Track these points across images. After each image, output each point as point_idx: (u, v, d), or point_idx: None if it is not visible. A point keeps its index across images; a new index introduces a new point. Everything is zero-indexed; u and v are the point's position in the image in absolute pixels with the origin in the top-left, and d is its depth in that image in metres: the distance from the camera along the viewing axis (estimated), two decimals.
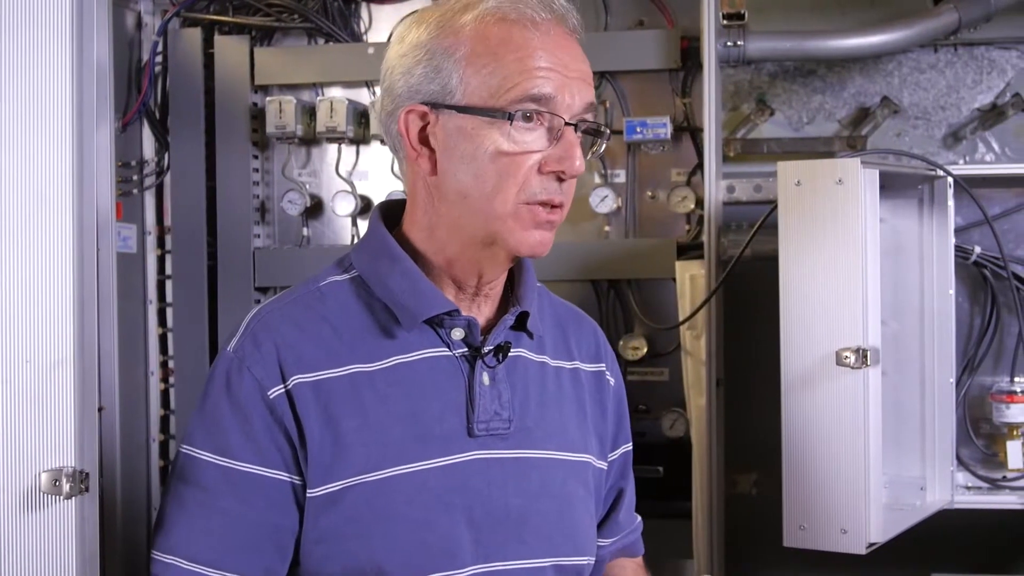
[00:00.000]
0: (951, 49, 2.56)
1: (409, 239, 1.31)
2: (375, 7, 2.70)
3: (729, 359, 2.39)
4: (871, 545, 1.91)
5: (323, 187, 2.73)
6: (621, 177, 2.60)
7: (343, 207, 2.64)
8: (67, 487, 1.41)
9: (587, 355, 1.44)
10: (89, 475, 1.44)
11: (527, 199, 1.23)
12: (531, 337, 1.36)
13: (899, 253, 2.25)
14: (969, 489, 2.33)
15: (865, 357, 1.88)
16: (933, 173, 2.21)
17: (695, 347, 2.38)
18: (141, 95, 2.68)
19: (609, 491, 1.48)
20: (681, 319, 2.39)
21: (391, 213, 1.36)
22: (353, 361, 1.26)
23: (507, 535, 1.28)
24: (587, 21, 2.59)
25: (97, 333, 1.56)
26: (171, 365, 2.73)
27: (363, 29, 2.70)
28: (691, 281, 2.40)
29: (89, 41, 1.54)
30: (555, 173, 1.23)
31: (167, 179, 2.71)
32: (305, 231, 2.72)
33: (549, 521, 1.32)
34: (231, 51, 2.67)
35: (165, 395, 2.75)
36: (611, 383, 1.47)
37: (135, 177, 2.71)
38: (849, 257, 1.90)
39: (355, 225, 2.68)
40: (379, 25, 2.69)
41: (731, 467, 2.45)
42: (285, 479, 1.24)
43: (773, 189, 2.10)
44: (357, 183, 2.70)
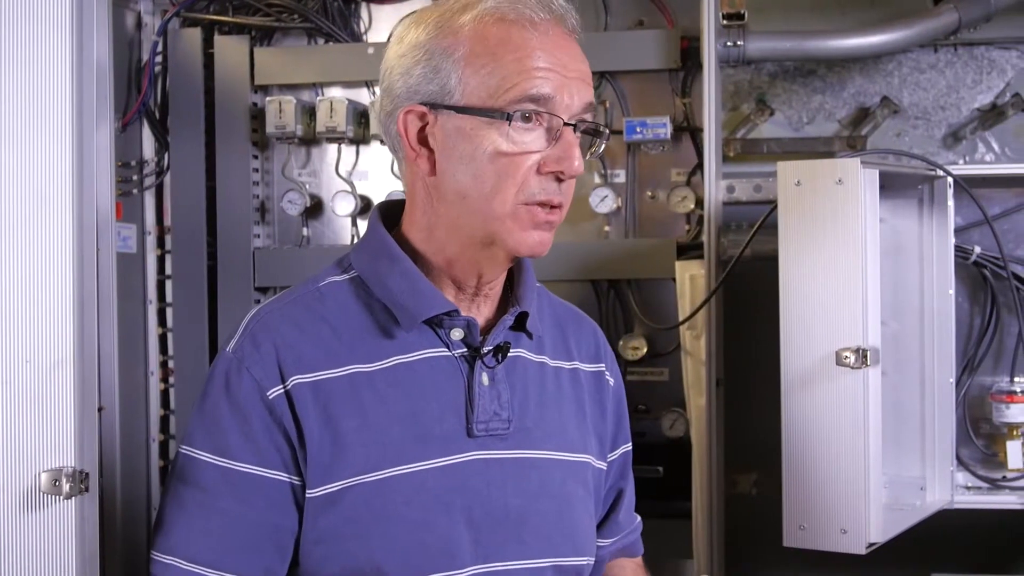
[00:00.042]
0: (951, 49, 2.56)
1: (408, 239, 1.31)
2: (375, 7, 2.69)
3: (729, 359, 2.39)
4: (871, 545, 1.91)
5: (323, 187, 2.73)
6: (621, 177, 2.60)
7: (343, 207, 2.64)
8: (67, 487, 1.41)
9: (586, 355, 1.44)
10: (89, 475, 1.44)
11: (526, 199, 1.23)
12: (530, 337, 1.36)
13: (899, 253, 2.25)
14: (969, 489, 2.33)
15: (865, 357, 1.88)
16: (933, 173, 2.21)
17: (695, 347, 2.38)
18: (141, 95, 2.68)
19: (609, 491, 1.48)
20: (681, 319, 2.39)
21: (390, 213, 1.36)
22: (352, 361, 1.26)
23: (506, 535, 1.28)
24: (587, 21, 2.59)
25: (97, 333, 1.56)
26: (171, 365, 2.73)
27: (363, 29, 2.70)
28: (691, 281, 2.40)
29: (89, 41, 1.54)
30: (554, 173, 1.23)
31: (167, 179, 2.71)
32: (305, 231, 2.71)
33: (548, 521, 1.32)
34: (231, 51, 2.67)
35: (165, 395, 2.75)
36: (610, 383, 1.46)
37: (135, 177, 2.71)
38: (849, 257, 1.90)
39: (355, 225, 2.68)
40: (379, 25, 2.69)
41: (731, 467, 2.45)
42: (284, 479, 1.24)
43: (773, 189, 2.10)
44: (357, 183, 2.70)
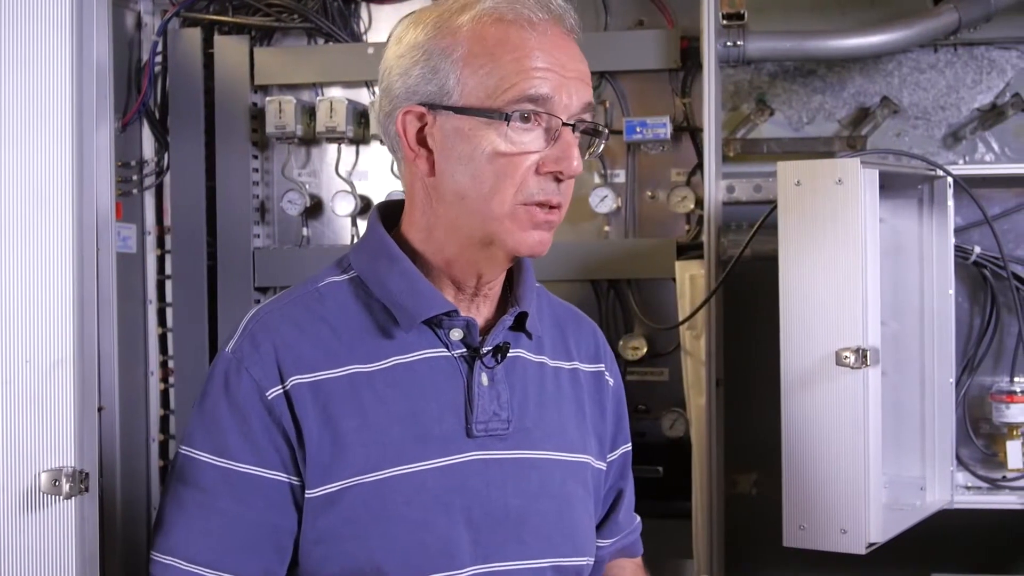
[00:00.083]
0: (951, 49, 2.56)
1: (408, 239, 1.31)
2: (375, 7, 2.69)
3: (729, 359, 2.39)
4: (871, 545, 1.91)
5: (323, 187, 2.73)
6: (621, 177, 2.60)
7: (343, 207, 2.64)
8: (67, 487, 1.41)
9: (586, 355, 1.44)
10: (89, 475, 1.45)
11: (525, 200, 1.23)
12: (530, 338, 1.36)
13: (899, 253, 2.25)
14: (969, 489, 2.33)
15: (865, 357, 1.88)
16: (933, 173, 2.21)
17: (695, 347, 2.38)
18: (141, 95, 2.68)
19: (608, 491, 1.48)
20: (681, 319, 2.38)
21: (390, 213, 1.36)
22: (352, 362, 1.26)
23: (506, 535, 1.28)
24: (587, 21, 2.59)
25: (97, 333, 1.56)
26: (171, 365, 2.73)
27: (363, 29, 2.70)
28: (691, 281, 2.40)
29: (89, 41, 1.54)
30: (553, 174, 1.23)
31: (167, 179, 2.71)
32: (305, 231, 2.71)
33: (548, 521, 1.32)
34: (231, 51, 2.67)
35: (165, 395, 2.75)
36: (610, 383, 1.46)
37: (135, 177, 2.71)
38: (849, 257, 1.90)
39: (355, 225, 2.68)
40: (379, 25, 2.69)
41: (731, 467, 2.45)
42: (283, 480, 1.24)
43: (773, 189, 2.10)
44: (357, 183, 2.70)
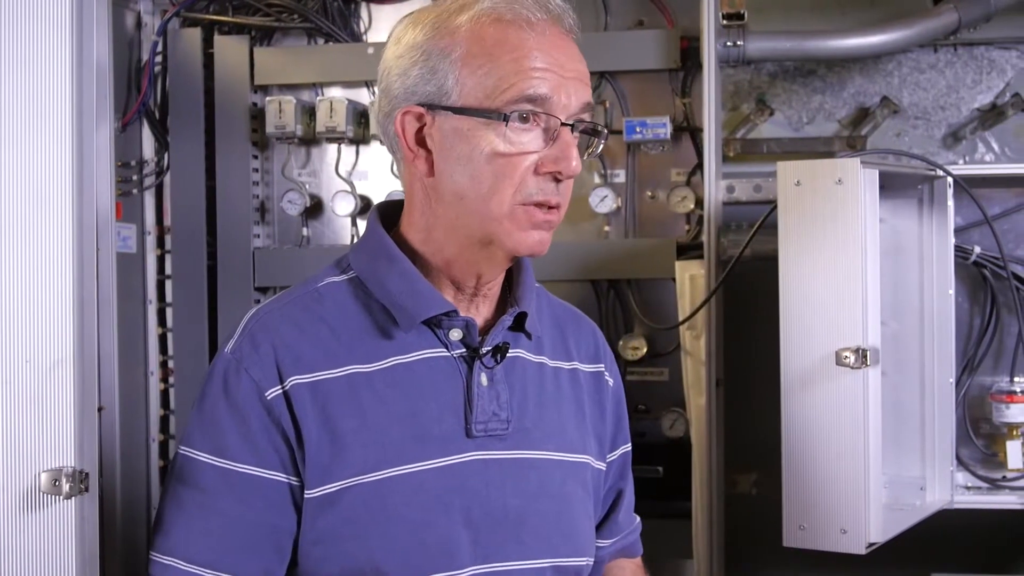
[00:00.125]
0: (951, 49, 2.56)
1: (407, 240, 1.31)
2: (375, 7, 2.69)
3: (729, 359, 2.39)
4: (871, 545, 1.91)
5: (323, 187, 2.73)
6: (621, 177, 2.60)
7: (343, 207, 2.64)
8: (67, 487, 1.41)
9: (586, 356, 1.44)
10: (89, 475, 1.44)
11: (523, 200, 1.23)
12: (529, 338, 1.36)
13: (899, 253, 2.25)
14: (969, 489, 2.33)
15: (865, 357, 1.88)
16: (933, 173, 2.21)
17: (695, 347, 2.38)
18: (141, 95, 2.68)
19: (608, 492, 1.48)
20: (681, 319, 2.38)
21: (389, 214, 1.36)
22: (351, 362, 1.26)
23: (505, 536, 1.28)
24: (587, 21, 2.60)
25: (97, 333, 1.56)
26: (171, 365, 2.73)
27: (363, 29, 2.70)
28: (691, 281, 2.40)
29: (89, 41, 1.54)
30: (552, 174, 1.23)
31: (167, 179, 2.71)
32: (305, 231, 2.71)
33: (548, 522, 1.32)
34: (231, 51, 2.67)
35: (165, 395, 2.75)
36: (610, 384, 1.46)
37: (135, 177, 2.71)
38: (849, 257, 1.90)
39: (355, 225, 2.67)
40: (379, 25, 2.69)
41: (731, 467, 2.45)
42: (283, 480, 1.24)
43: (773, 189, 2.10)
44: (357, 183, 2.69)
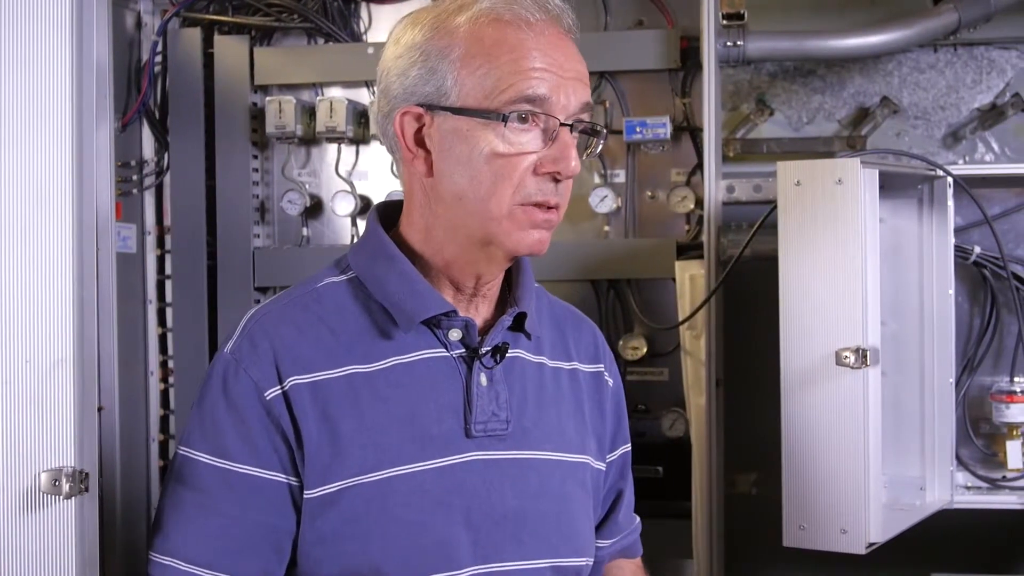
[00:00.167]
0: (951, 49, 2.56)
1: (406, 240, 1.31)
2: (375, 7, 2.70)
3: (729, 359, 2.39)
4: (871, 545, 1.91)
5: (323, 187, 2.73)
6: (621, 177, 2.60)
7: (343, 207, 2.64)
8: (67, 487, 1.41)
9: (585, 356, 1.44)
10: (89, 475, 1.44)
11: (523, 200, 1.23)
12: (529, 338, 1.35)
13: (899, 253, 2.25)
14: (969, 489, 2.33)
15: (865, 357, 1.88)
16: (933, 173, 2.21)
17: (695, 347, 2.38)
18: (141, 95, 2.68)
19: (608, 492, 1.48)
20: (681, 319, 2.38)
21: (389, 214, 1.35)
22: (350, 362, 1.26)
23: (505, 536, 1.28)
24: (587, 21, 2.60)
25: (97, 333, 1.56)
26: (171, 365, 2.73)
27: (363, 29, 2.70)
28: (691, 281, 2.40)
29: (89, 41, 1.54)
30: (551, 174, 1.23)
31: (167, 179, 2.71)
32: (305, 231, 2.72)
33: (547, 522, 1.32)
34: (231, 51, 2.67)
35: (165, 395, 2.75)
36: (609, 384, 1.46)
37: (135, 177, 2.71)
38: (849, 257, 1.90)
39: (355, 225, 2.68)
40: (379, 25, 2.69)
41: (731, 467, 2.45)
42: (282, 480, 1.24)
43: (773, 189, 2.10)
44: (357, 183, 2.70)
